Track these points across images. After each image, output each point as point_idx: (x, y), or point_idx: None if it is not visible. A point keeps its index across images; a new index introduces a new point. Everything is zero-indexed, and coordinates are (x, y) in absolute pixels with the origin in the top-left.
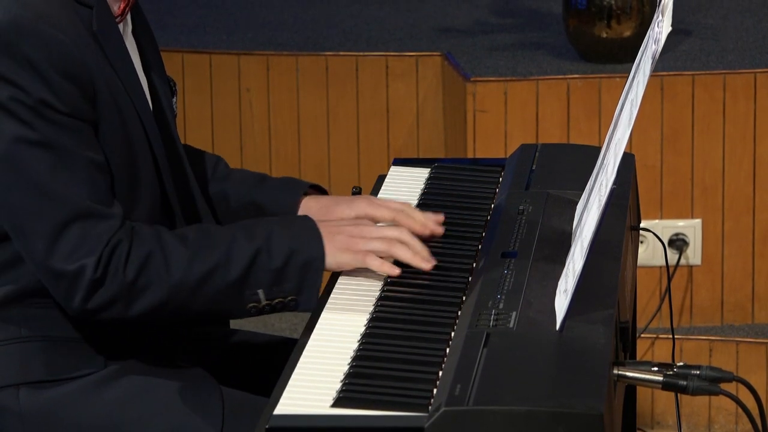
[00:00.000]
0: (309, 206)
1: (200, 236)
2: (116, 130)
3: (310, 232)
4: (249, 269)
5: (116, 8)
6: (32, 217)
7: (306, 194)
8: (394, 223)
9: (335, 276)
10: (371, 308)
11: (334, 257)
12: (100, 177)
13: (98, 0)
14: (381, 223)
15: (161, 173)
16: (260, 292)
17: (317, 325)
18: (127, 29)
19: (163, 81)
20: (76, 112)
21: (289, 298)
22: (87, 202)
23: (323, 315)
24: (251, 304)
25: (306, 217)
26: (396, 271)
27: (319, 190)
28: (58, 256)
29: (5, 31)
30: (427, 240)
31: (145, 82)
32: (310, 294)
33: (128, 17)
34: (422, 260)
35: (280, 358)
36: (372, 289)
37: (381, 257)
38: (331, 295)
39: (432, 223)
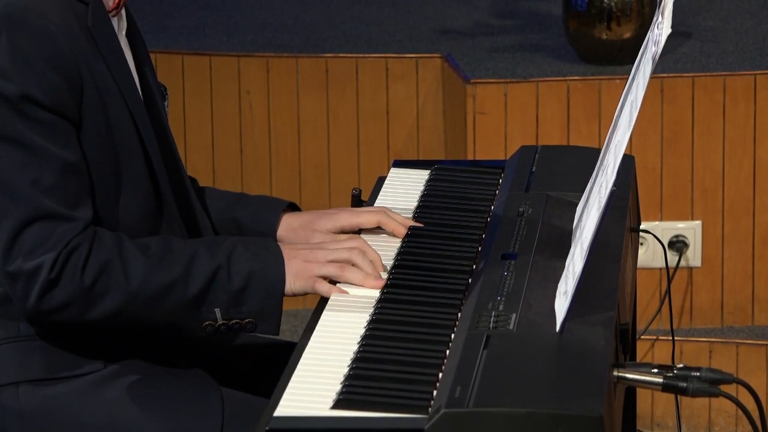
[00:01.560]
0: (290, 222)
1: (163, 249)
2: (101, 129)
3: (273, 256)
4: (208, 287)
5: (110, 3)
6: None
7: (284, 211)
8: (379, 225)
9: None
10: (371, 310)
11: (290, 285)
12: (70, 178)
13: None
14: (366, 226)
15: (155, 170)
16: (217, 311)
17: (317, 327)
18: (121, 26)
19: (156, 83)
20: (59, 108)
21: (247, 320)
22: (50, 203)
23: (323, 316)
24: (207, 322)
25: (270, 240)
26: (344, 295)
27: (295, 209)
28: (15, 255)
29: None
30: (428, 242)
31: (138, 80)
32: (270, 320)
33: (123, 16)
34: (373, 280)
35: (281, 359)
36: (372, 291)
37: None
38: (332, 297)
39: (410, 222)
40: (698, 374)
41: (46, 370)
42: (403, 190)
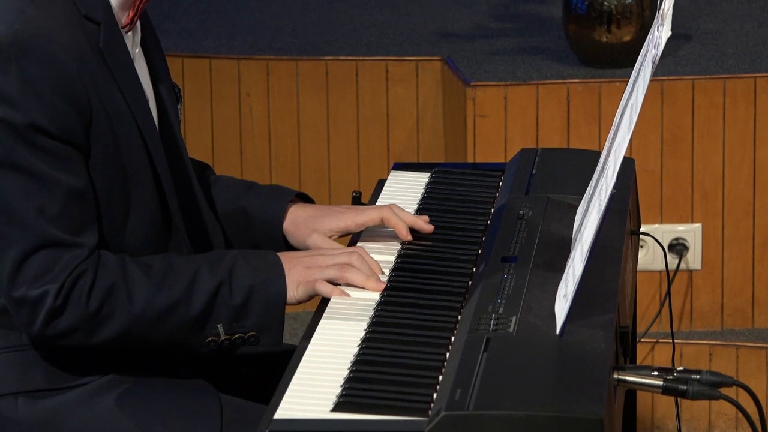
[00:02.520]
0: (296, 215)
1: (164, 268)
2: (110, 153)
3: (273, 268)
4: (210, 305)
5: (124, 18)
6: (1, 242)
7: (292, 201)
8: (381, 222)
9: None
10: (371, 313)
11: (293, 292)
12: (76, 205)
13: (106, 15)
14: (370, 225)
15: (164, 191)
16: (219, 327)
17: (317, 330)
18: (136, 39)
19: (170, 89)
20: (67, 136)
21: (249, 334)
22: (55, 230)
23: (323, 319)
24: (210, 338)
25: (270, 252)
26: (345, 296)
27: (305, 199)
28: (21, 283)
29: (6, 46)
30: (427, 244)
31: (152, 94)
32: (273, 332)
33: (138, 26)
34: (374, 282)
35: (279, 365)
36: (372, 294)
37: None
38: (331, 300)
39: (421, 220)
40: (698, 377)
41: (46, 380)
42: (403, 193)
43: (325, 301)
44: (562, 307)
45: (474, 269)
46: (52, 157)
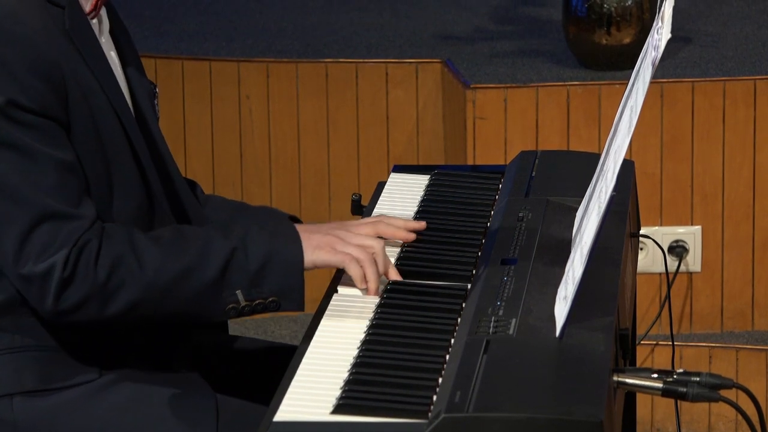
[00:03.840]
0: None
1: (175, 236)
2: (89, 131)
3: (288, 232)
4: (225, 270)
5: (88, 6)
6: (1, 221)
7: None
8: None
9: (335, 282)
10: (371, 315)
11: (311, 255)
12: (69, 177)
13: (69, 0)
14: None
15: (145, 171)
16: (239, 293)
17: (317, 332)
18: (103, 27)
19: (143, 83)
20: (46, 111)
21: (270, 299)
22: (54, 203)
23: (323, 322)
24: (230, 306)
25: (284, 220)
26: (362, 285)
27: (296, 221)
28: (26, 259)
29: None
30: (427, 246)
31: (124, 81)
32: (293, 296)
33: (104, 16)
34: (394, 274)
35: (280, 365)
36: (372, 296)
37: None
38: (331, 302)
39: (412, 223)
40: (698, 379)
41: (41, 381)
42: (402, 195)
43: (325, 302)
44: (561, 310)
45: (474, 271)
46: (37, 131)
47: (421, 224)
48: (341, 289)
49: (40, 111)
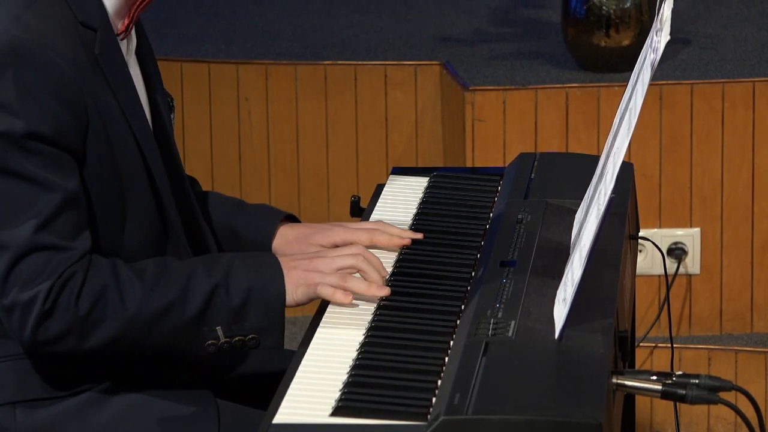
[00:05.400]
0: (286, 234)
1: (159, 270)
2: (105, 159)
3: (272, 269)
4: (207, 306)
5: (120, 25)
6: None
7: (281, 222)
8: (372, 245)
9: None
10: (370, 317)
11: (292, 294)
12: (69, 209)
13: (102, 22)
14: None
15: (161, 198)
16: (218, 329)
17: (316, 335)
18: (131, 46)
19: (164, 98)
20: (64, 141)
21: (250, 336)
22: (48, 235)
23: (322, 324)
24: (209, 342)
25: (268, 254)
26: (348, 298)
27: (294, 220)
28: (12, 287)
29: (2, 52)
30: (427, 249)
31: (147, 100)
32: (273, 334)
33: (133, 34)
34: (377, 289)
35: (277, 370)
36: (371, 299)
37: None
38: (330, 305)
39: (409, 232)
40: (697, 381)
41: (43, 389)
42: (401, 197)
43: (323, 306)
44: (560, 312)
45: (473, 274)
46: (48, 160)
47: (418, 235)
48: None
49: (56, 140)
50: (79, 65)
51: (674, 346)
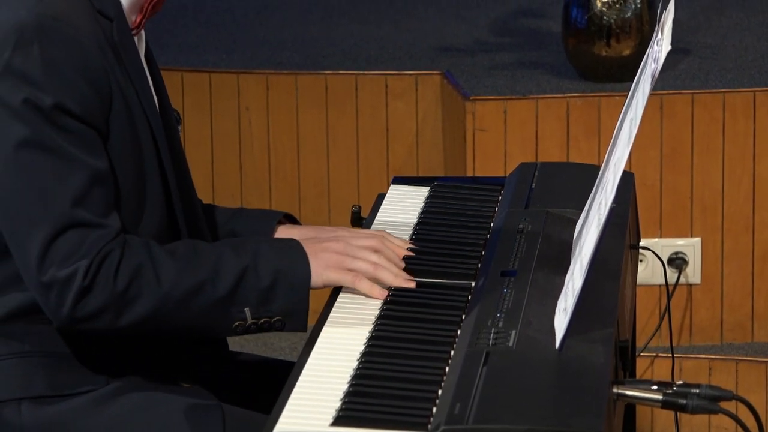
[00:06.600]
0: (286, 233)
1: (189, 250)
2: (127, 142)
3: (296, 252)
4: (236, 287)
5: (133, 19)
6: (29, 224)
7: (280, 223)
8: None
9: (335, 294)
10: (371, 327)
11: (320, 276)
12: (100, 187)
13: (117, 13)
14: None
15: (170, 190)
16: (247, 310)
17: (317, 344)
18: (141, 46)
19: (170, 108)
20: (89, 118)
21: (275, 318)
22: (83, 211)
23: (323, 333)
24: (237, 322)
25: (291, 239)
26: (384, 293)
27: (292, 220)
28: (49, 264)
29: (28, 29)
30: (427, 259)
31: (156, 100)
32: (298, 317)
33: (143, 37)
34: (404, 281)
35: (282, 375)
36: (371, 308)
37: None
38: (331, 314)
39: (408, 244)
40: (698, 391)
41: (49, 387)
42: (402, 207)
43: (325, 314)
44: (561, 321)
45: (473, 283)
46: (77, 138)
47: (410, 284)
48: (341, 301)
49: (83, 116)
50: (101, 47)
51: (675, 355)
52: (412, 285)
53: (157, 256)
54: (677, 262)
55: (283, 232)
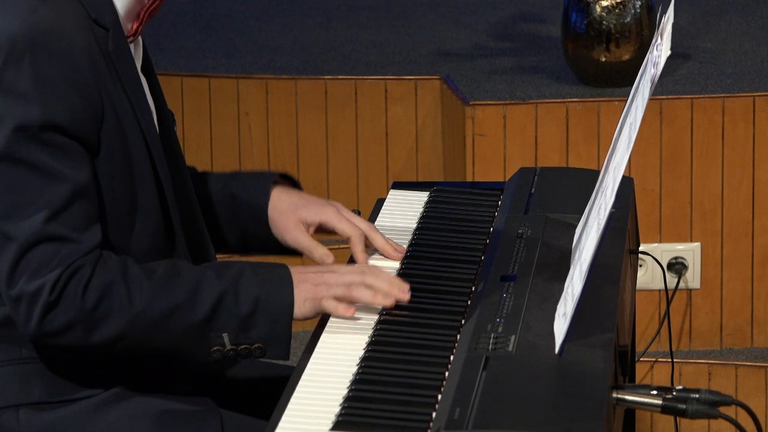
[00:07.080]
0: (280, 200)
1: (169, 271)
2: (118, 154)
3: (282, 280)
4: (214, 311)
5: (129, 27)
6: (2, 237)
7: (276, 182)
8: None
9: None
10: (370, 331)
11: (299, 309)
12: (80, 201)
13: (113, 22)
14: (342, 235)
15: (165, 198)
16: (225, 336)
17: (316, 349)
18: (138, 52)
19: (167, 112)
20: (78, 132)
21: (256, 345)
22: (57, 226)
23: (322, 338)
24: (215, 347)
25: (280, 264)
26: (351, 311)
27: (290, 180)
28: (19, 276)
29: (21, 42)
30: (427, 263)
31: (153, 105)
32: (279, 345)
33: (140, 43)
34: (382, 298)
35: (280, 381)
36: (371, 313)
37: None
38: (330, 319)
39: (390, 248)
40: (697, 396)
41: (47, 393)
42: (402, 212)
43: (325, 319)
44: (561, 326)
45: (473, 288)
46: (61, 152)
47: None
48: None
49: (72, 131)
50: (94, 59)
51: (674, 360)
52: (389, 302)
53: (132, 276)
54: (677, 267)
55: (278, 197)
